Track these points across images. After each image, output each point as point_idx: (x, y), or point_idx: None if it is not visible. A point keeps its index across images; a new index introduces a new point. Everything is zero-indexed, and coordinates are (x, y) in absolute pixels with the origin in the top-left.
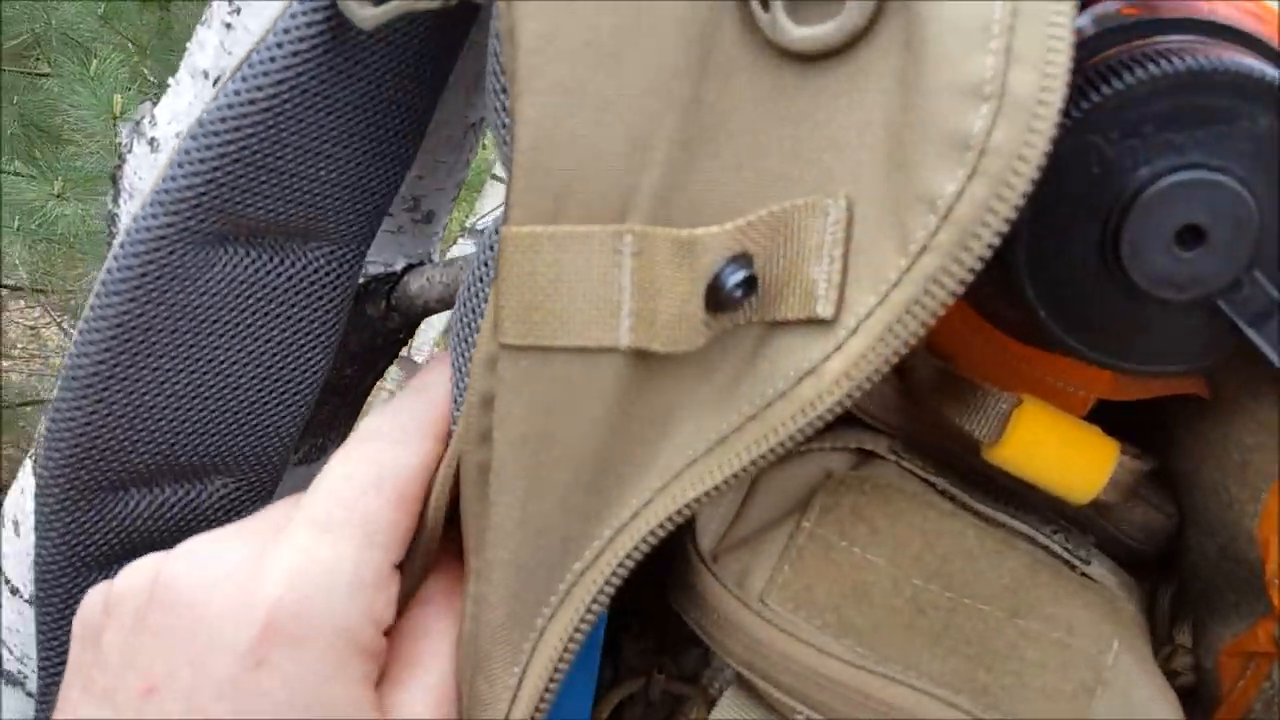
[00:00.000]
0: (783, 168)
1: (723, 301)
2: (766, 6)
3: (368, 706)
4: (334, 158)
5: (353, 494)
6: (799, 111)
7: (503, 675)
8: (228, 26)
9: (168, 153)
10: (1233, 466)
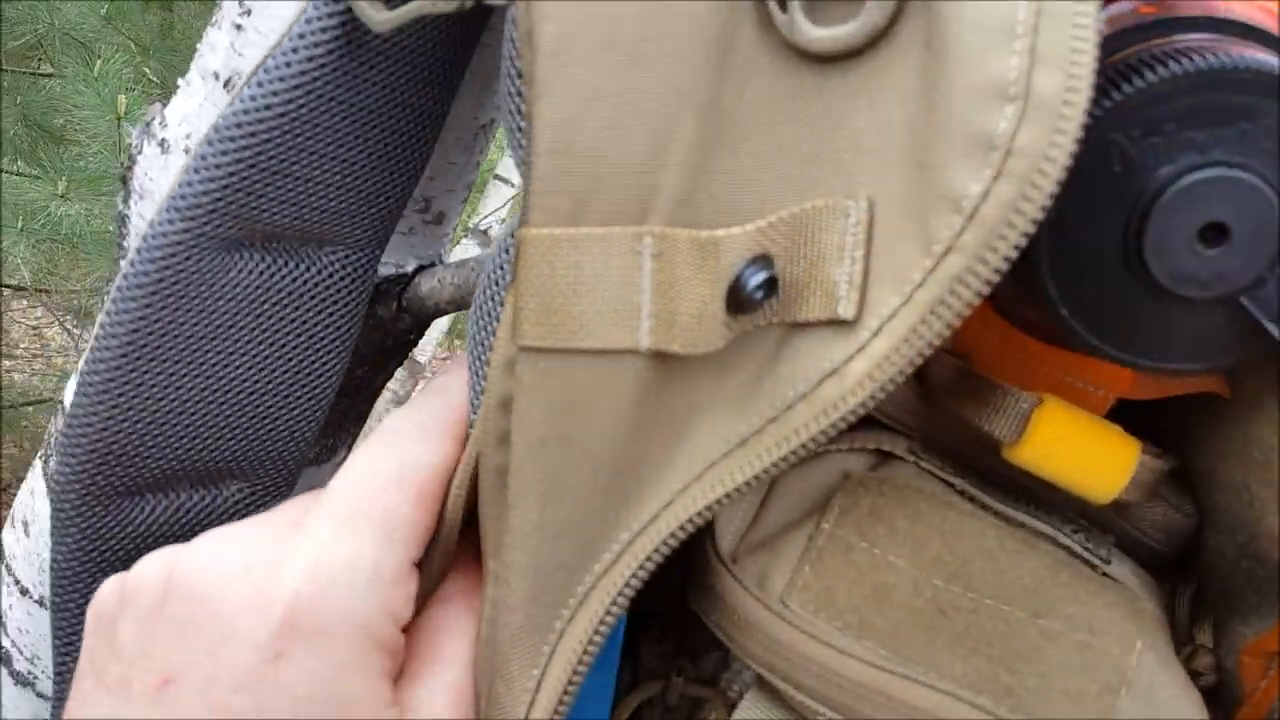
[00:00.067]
0: (802, 168)
1: (743, 303)
2: (784, 8)
3: (385, 702)
4: (348, 162)
5: (373, 490)
6: (818, 112)
7: (521, 678)
8: (238, 28)
9: (178, 154)
10: (1254, 465)
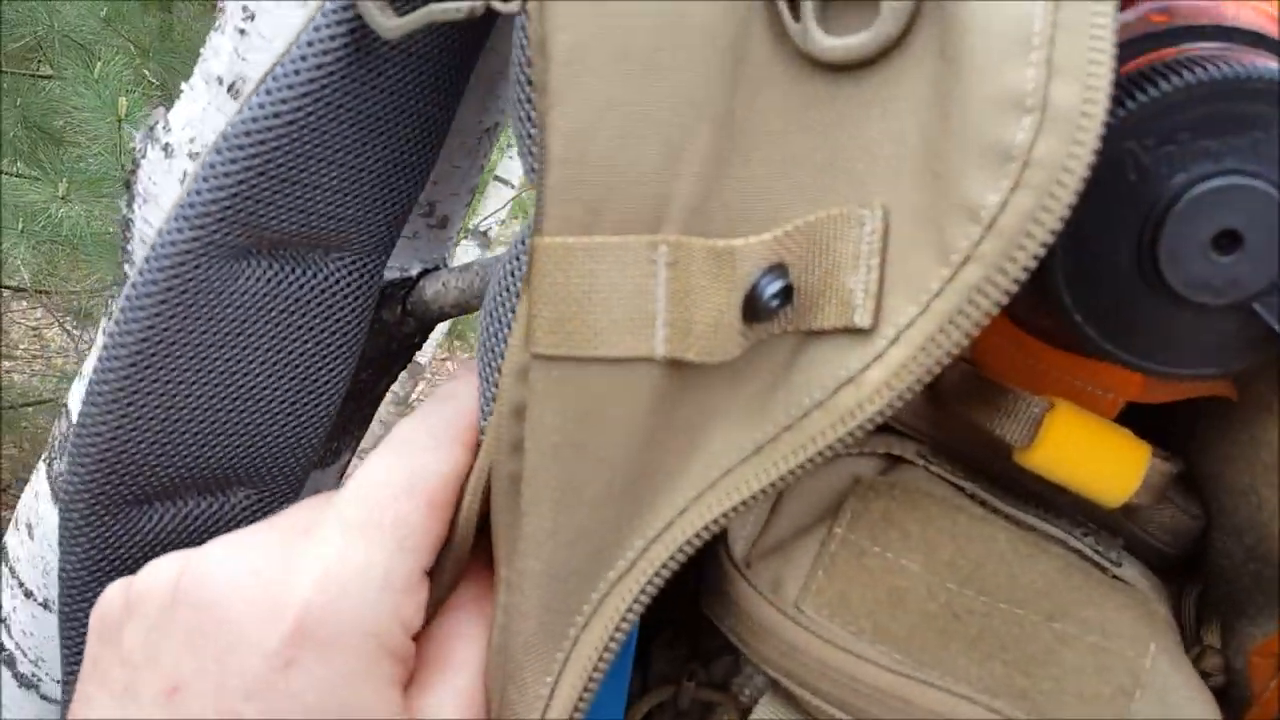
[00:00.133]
0: (816, 177)
1: (759, 312)
2: (798, 17)
3: (396, 709)
4: (356, 168)
5: (385, 498)
6: (831, 121)
7: (535, 684)
8: (241, 33)
9: (182, 159)
10: (1262, 468)
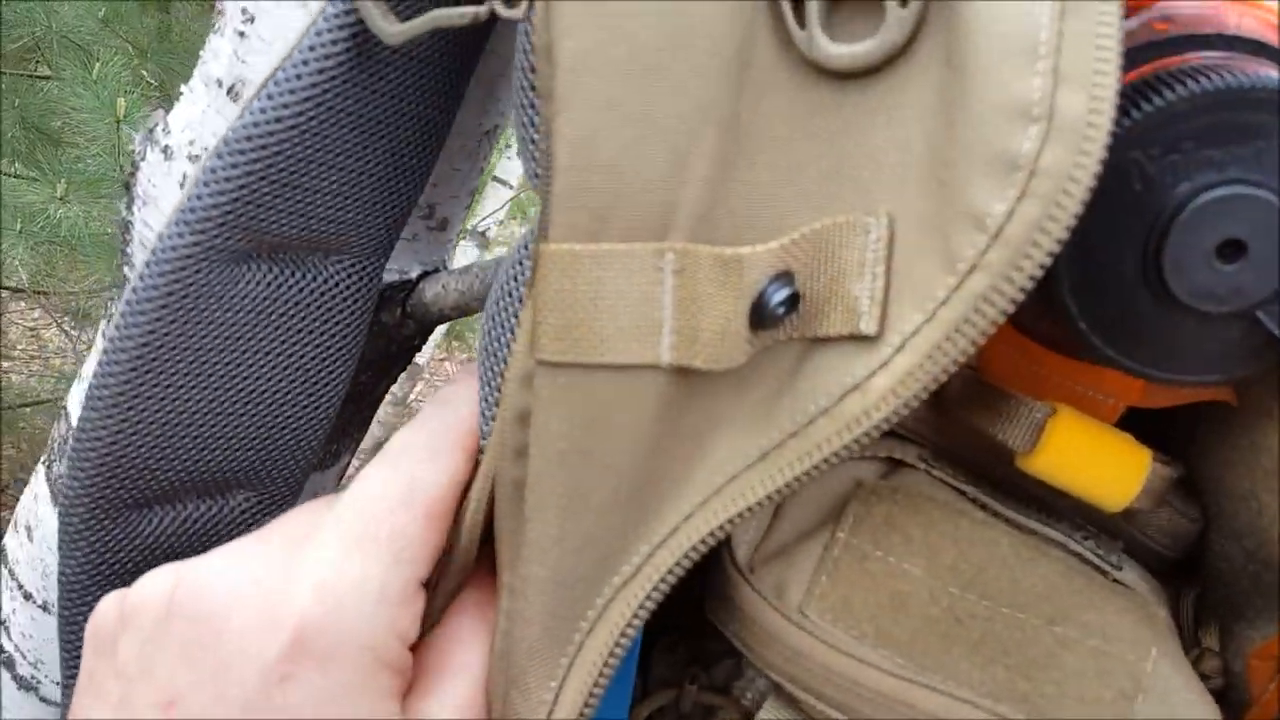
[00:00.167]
0: (820, 184)
1: (765, 319)
2: (803, 24)
3: None
4: (356, 172)
5: (381, 511)
6: (837, 128)
7: (538, 689)
8: (241, 35)
9: (181, 161)
10: (1262, 473)
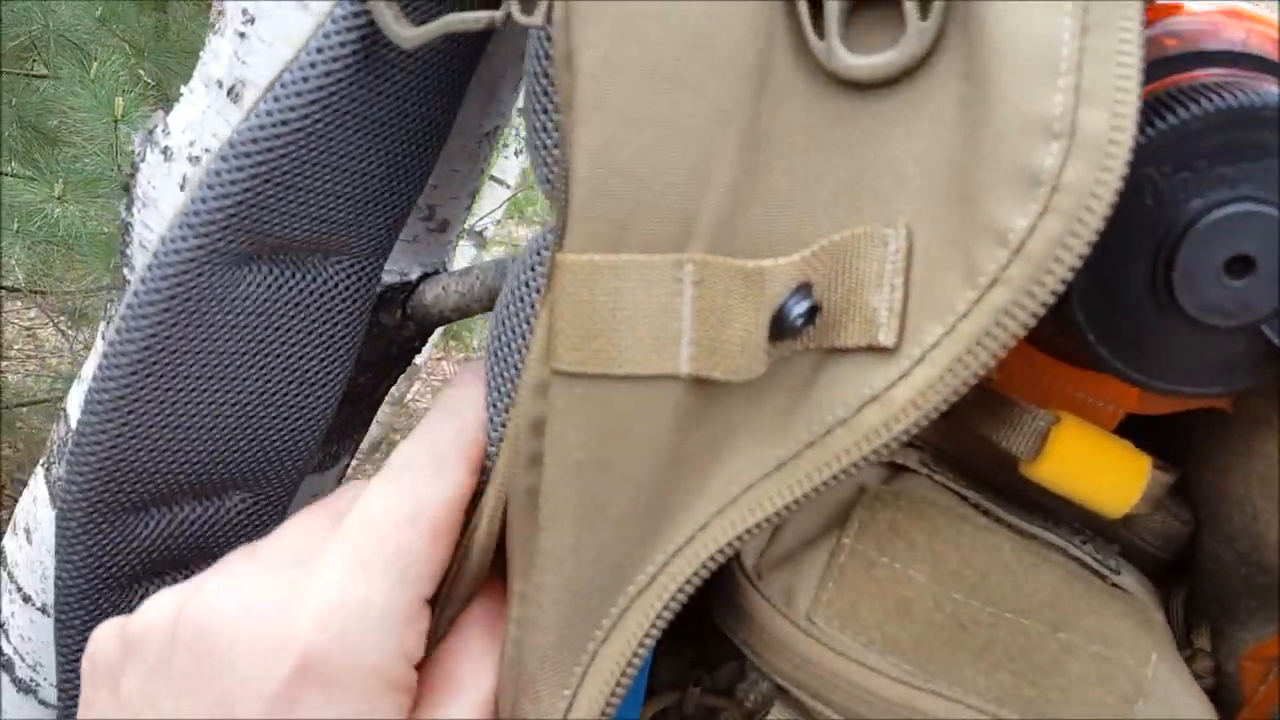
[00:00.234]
0: (839, 195)
1: (785, 330)
2: (822, 35)
3: None
4: (359, 173)
5: (386, 529)
6: (855, 139)
7: (550, 697)
8: (241, 36)
9: (181, 162)
10: (1257, 479)
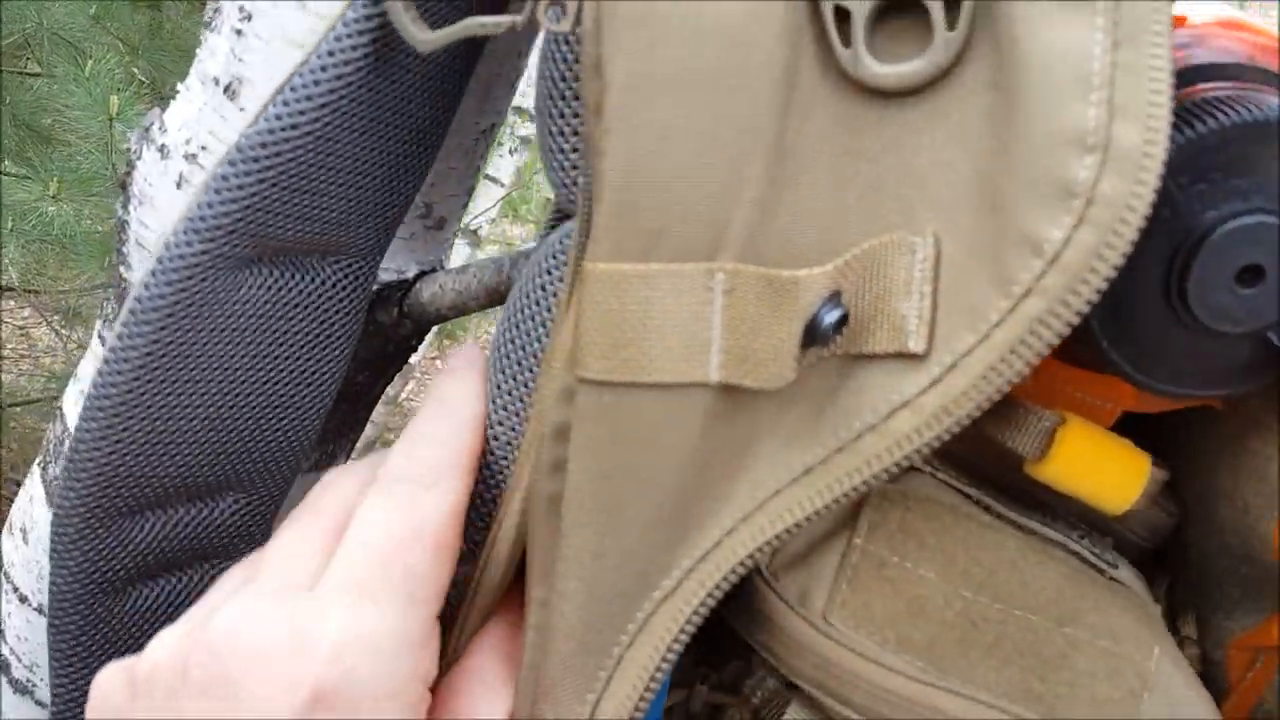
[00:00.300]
0: (865, 202)
1: (816, 339)
2: (848, 43)
3: None
4: (361, 174)
5: (390, 551)
6: (881, 148)
7: (571, 702)
8: (238, 33)
9: (177, 160)
10: (1246, 474)
